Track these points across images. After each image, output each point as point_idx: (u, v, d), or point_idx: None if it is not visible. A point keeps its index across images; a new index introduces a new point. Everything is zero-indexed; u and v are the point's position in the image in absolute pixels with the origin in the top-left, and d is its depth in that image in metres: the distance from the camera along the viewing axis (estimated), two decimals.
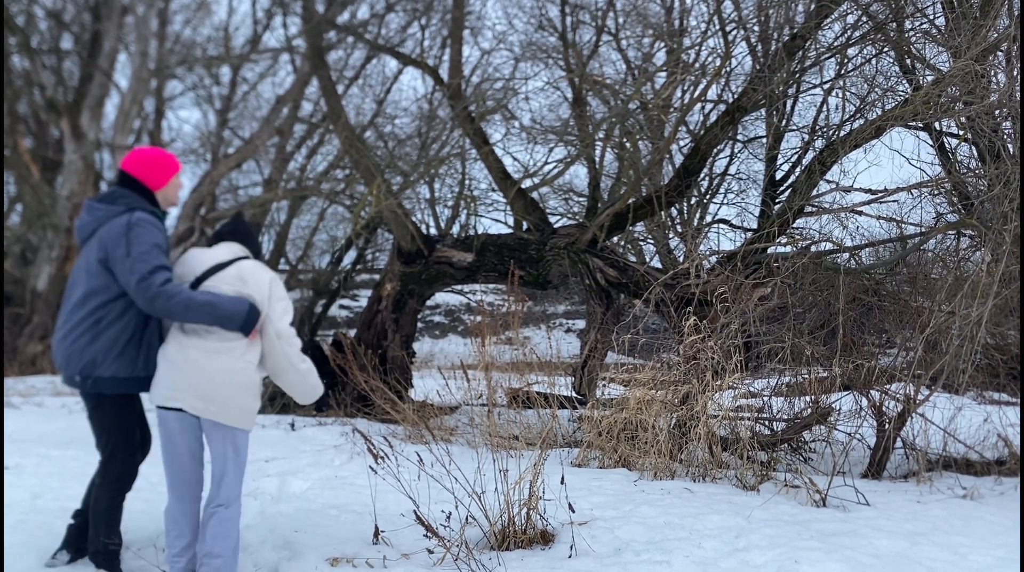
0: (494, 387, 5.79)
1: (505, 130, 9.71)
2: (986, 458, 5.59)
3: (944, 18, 5.86)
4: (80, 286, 3.11)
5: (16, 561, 3.15)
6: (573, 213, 10.17)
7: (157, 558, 3.25)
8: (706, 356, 4.86)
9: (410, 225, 8.03)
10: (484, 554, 3.21)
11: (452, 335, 26.98)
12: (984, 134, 5.37)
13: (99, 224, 3.13)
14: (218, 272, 3.17)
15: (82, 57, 15.69)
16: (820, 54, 6.75)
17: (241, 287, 3.12)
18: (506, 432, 5.74)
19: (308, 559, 3.10)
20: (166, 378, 3.02)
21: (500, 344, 7.49)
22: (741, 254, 6.47)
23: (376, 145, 12.37)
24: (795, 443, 5.39)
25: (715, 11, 6.94)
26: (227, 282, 3.14)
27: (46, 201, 15.08)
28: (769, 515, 3.83)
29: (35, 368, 13.92)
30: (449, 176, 10.65)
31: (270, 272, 3.27)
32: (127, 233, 3.02)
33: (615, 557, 3.19)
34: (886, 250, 7.37)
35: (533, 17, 9.91)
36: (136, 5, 15.52)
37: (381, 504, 3.70)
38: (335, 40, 13.85)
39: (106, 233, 3.05)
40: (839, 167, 6.80)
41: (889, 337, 6.36)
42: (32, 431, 6.47)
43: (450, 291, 11.53)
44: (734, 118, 7.05)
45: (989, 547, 3.47)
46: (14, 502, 3.99)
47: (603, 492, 4.19)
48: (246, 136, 19.01)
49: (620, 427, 5.01)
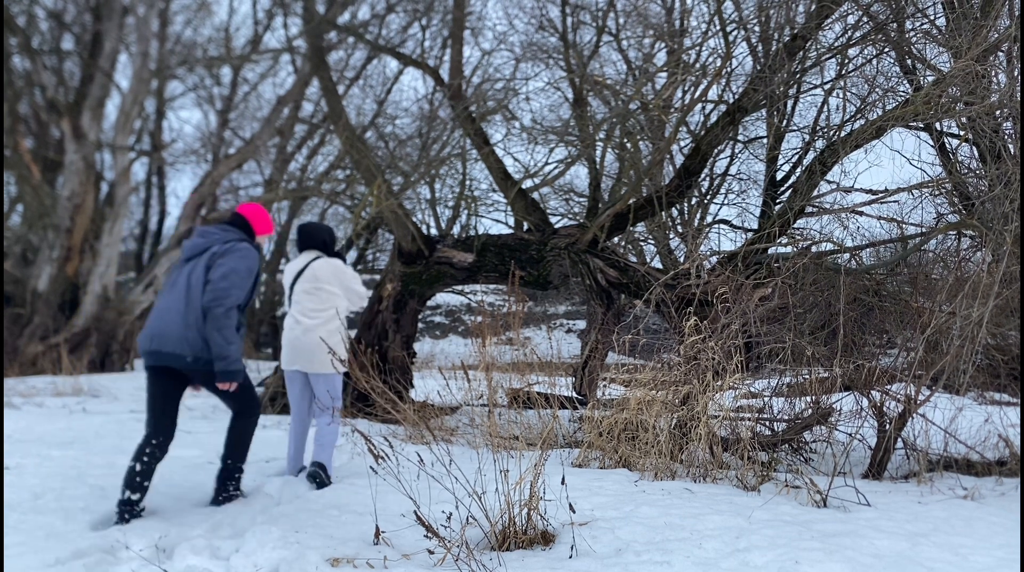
0: (495, 387, 5.79)
1: (506, 130, 9.73)
2: (987, 459, 5.58)
3: (945, 18, 5.86)
4: (187, 288, 4.04)
5: (16, 561, 3.15)
6: (574, 213, 10.18)
7: (158, 558, 3.25)
8: (707, 356, 4.86)
9: (411, 225, 8.04)
10: (485, 554, 3.21)
11: (453, 335, 27.00)
12: (985, 134, 5.37)
13: (210, 245, 4.15)
14: (299, 278, 4.80)
15: (83, 57, 15.70)
16: (821, 54, 6.75)
17: (317, 283, 4.73)
18: (507, 432, 5.74)
19: (309, 559, 3.10)
20: (288, 353, 4.74)
21: (501, 344, 7.49)
22: (742, 254, 6.47)
23: (377, 145, 12.38)
24: (796, 443, 5.38)
25: (716, 11, 6.94)
26: (307, 282, 4.76)
27: (47, 201, 15.09)
28: (770, 515, 3.83)
29: (35, 368, 13.92)
30: (450, 176, 10.66)
31: (333, 264, 4.82)
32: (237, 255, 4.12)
33: (616, 557, 3.19)
34: (887, 250, 7.37)
35: (534, 17, 9.94)
36: (137, 6, 15.53)
37: (382, 504, 3.70)
38: (336, 41, 13.86)
39: (227, 249, 4.12)
40: (840, 167, 6.82)
41: (890, 337, 6.36)
42: (32, 431, 6.48)
43: (451, 291, 11.52)
44: (735, 118, 7.05)
45: (990, 547, 3.47)
46: (14, 502, 3.99)
47: (604, 492, 4.18)
48: (247, 136, 19.02)
49: (621, 427, 5.01)
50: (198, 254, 4.13)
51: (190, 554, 3.25)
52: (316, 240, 4.96)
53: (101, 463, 5.03)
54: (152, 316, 4.06)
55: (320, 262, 4.81)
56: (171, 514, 3.89)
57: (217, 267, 4.02)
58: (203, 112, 31.03)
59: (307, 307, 4.74)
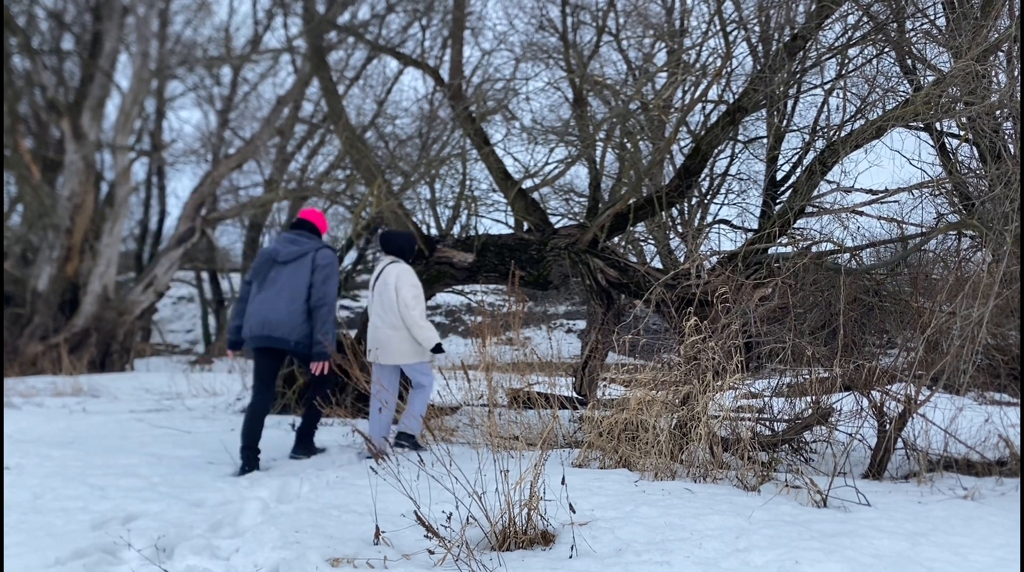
0: (495, 387, 5.80)
1: (506, 130, 9.71)
2: (987, 459, 5.58)
3: (945, 18, 5.86)
4: (289, 286, 5.21)
5: (16, 561, 3.15)
6: (574, 213, 10.16)
7: (158, 558, 3.25)
8: (707, 356, 4.85)
9: (411, 225, 8.03)
10: (485, 554, 3.21)
11: (453, 335, 26.98)
12: (985, 134, 5.37)
13: (305, 251, 5.27)
14: (378, 280, 5.52)
15: (83, 57, 15.70)
16: (821, 54, 6.74)
17: (386, 287, 5.41)
18: (507, 432, 5.74)
19: (309, 559, 3.09)
20: (374, 349, 5.46)
21: (501, 344, 7.49)
22: (742, 254, 6.47)
23: (377, 145, 12.37)
24: (796, 443, 5.38)
25: (716, 11, 6.94)
26: (383, 284, 5.44)
27: (47, 201, 15.09)
28: (770, 515, 3.83)
29: (35, 368, 13.92)
30: (450, 176, 10.64)
31: (400, 268, 5.44)
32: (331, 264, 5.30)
33: (616, 557, 3.19)
34: (887, 250, 7.36)
35: (534, 17, 9.91)
36: (137, 6, 15.53)
37: (382, 504, 3.70)
38: (336, 40, 13.86)
39: (320, 256, 5.27)
40: (840, 167, 6.80)
41: (890, 337, 6.35)
42: (33, 431, 6.48)
43: (451, 291, 11.52)
44: (735, 118, 7.05)
45: (990, 547, 3.47)
46: (14, 502, 3.99)
47: (604, 492, 4.18)
48: (247, 136, 19.03)
49: (621, 427, 5.00)
50: (294, 259, 5.26)
51: (190, 554, 3.24)
52: (393, 246, 5.64)
53: (101, 463, 5.03)
54: (256, 307, 5.19)
55: (392, 267, 5.47)
56: (171, 514, 3.89)
57: (318, 272, 5.20)
58: (203, 112, 31.06)
59: (378, 307, 5.45)
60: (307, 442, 5.59)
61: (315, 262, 5.25)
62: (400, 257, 5.63)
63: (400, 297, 5.34)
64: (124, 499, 4.12)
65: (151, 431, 6.72)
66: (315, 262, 5.25)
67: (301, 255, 5.28)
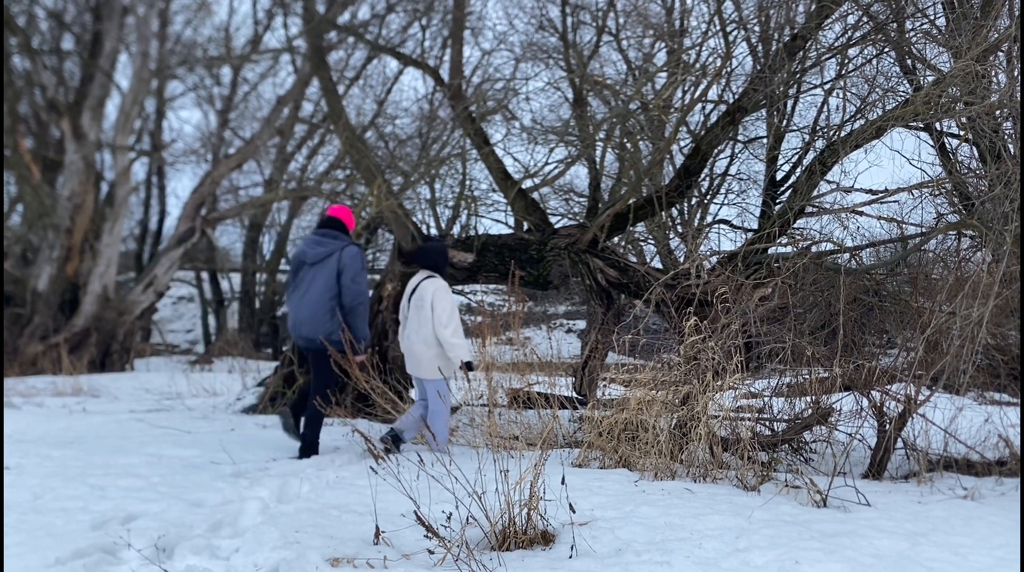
0: (495, 387, 5.80)
1: (506, 130, 9.72)
2: (987, 459, 5.58)
3: (945, 18, 5.86)
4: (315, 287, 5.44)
5: (16, 561, 3.15)
6: (574, 213, 10.16)
7: (158, 558, 3.25)
8: (707, 356, 4.86)
9: (411, 225, 8.04)
10: (484, 554, 3.21)
11: None
12: (985, 134, 5.37)
13: (331, 251, 5.46)
14: (414, 293, 5.58)
15: (83, 57, 15.70)
16: (821, 54, 6.74)
17: (420, 302, 5.47)
18: (507, 432, 5.74)
19: (309, 559, 3.09)
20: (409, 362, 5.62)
21: (501, 344, 7.49)
22: (742, 254, 6.47)
23: (377, 145, 12.38)
24: (796, 443, 5.38)
25: (716, 11, 6.94)
26: (420, 299, 5.49)
27: (47, 201, 15.09)
28: (770, 515, 3.83)
29: (35, 368, 13.92)
30: (450, 176, 10.66)
31: (435, 284, 5.49)
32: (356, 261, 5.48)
33: (616, 557, 3.19)
34: (887, 250, 7.36)
35: (534, 17, 9.92)
36: (137, 5, 15.52)
37: (382, 504, 3.70)
38: (336, 40, 13.86)
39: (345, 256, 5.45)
40: (840, 167, 6.80)
41: (890, 337, 6.36)
42: (33, 431, 6.48)
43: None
44: (735, 118, 7.05)
45: (990, 547, 3.47)
46: (14, 502, 3.99)
47: (604, 492, 4.18)
48: (247, 136, 19.02)
49: (621, 427, 5.00)
50: (321, 260, 5.45)
51: (190, 554, 3.24)
52: (428, 261, 5.70)
53: (101, 463, 5.03)
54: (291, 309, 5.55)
55: (427, 282, 5.52)
56: (171, 514, 3.89)
57: (345, 272, 5.39)
58: (203, 112, 31.05)
59: (414, 322, 5.51)
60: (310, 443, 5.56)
61: (341, 261, 5.41)
62: (436, 272, 5.66)
63: (435, 314, 5.36)
64: (124, 499, 4.12)
65: (151, 431, 6.72)
66: (341, 261, 5.41)
67: (327, 255, 5.46)
